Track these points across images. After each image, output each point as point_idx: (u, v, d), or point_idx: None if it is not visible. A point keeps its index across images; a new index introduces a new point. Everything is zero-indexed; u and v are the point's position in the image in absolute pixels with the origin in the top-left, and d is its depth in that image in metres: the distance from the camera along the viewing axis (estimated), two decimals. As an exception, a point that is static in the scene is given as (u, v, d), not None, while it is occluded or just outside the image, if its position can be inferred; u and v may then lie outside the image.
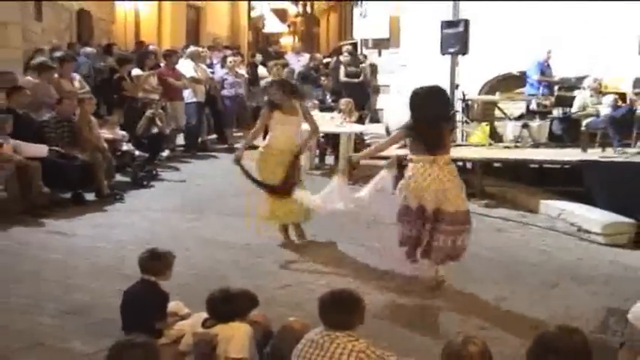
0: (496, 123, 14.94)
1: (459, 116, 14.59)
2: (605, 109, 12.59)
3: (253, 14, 33.81)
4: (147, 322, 5.17)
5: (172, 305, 5.56)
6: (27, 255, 7.54)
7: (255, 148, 8.43)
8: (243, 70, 16.20)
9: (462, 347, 3.66)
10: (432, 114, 6.91)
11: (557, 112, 13.82)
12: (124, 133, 11.68)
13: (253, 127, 8.86)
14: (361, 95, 15.47)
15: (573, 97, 13.61)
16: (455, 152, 13.21)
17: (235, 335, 4.56)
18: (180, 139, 14.50)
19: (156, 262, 5.45)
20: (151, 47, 17.12)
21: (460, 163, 12.63)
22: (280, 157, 8.06)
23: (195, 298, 5.86)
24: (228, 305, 4.74)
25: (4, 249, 7.74)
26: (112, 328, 5.34)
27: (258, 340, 4.73)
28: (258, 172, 8.15)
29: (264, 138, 8.52)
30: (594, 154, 12.03)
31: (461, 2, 15.40)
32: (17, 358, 5.08)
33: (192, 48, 16.24)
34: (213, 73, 15.66)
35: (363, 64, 16.59)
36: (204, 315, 5.41)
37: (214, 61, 16.83)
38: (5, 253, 7.58)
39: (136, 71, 13.20)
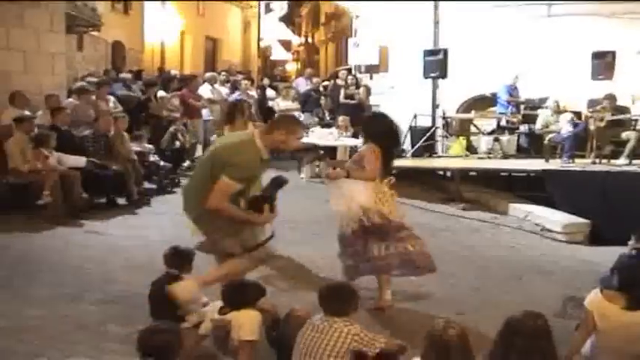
0: (471, 137, 14.96)
1: (439, 131, 14.66)
2: (565, 126, 12.65)
3: (262, 44, 33.84)
4: (170, 310, 5.20)
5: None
6: (70, 251, 7.57)
7: None
8: (253, 92, 16.21)
9: (443, 331, 3.71)
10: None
11: (523, 128, 13.87)
12: (150, 146, 11.69)
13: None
14: (356, 114, 15.45)
15: (537, 116, 13.67)
16: (436, 162, 13.36)
17: (247, 321, 4.54)
18: (198, 152, 14.49)
19: (178, 258, 5.49)
20: (172, 72, 17.18)
21: (441, 172, 12.76)
22: None
23: (213, 289, 5.92)
24: (239, 294, 4.74)
25: (51, 246, 7.77)
26: (143, 314, 5.38)
27: (268, 325, 4.75)
28: None
29: None
30: (555, 164, 12.09)
31: (440, 34, 15.56)
32: (65, 339, 5.12)
33: (208, 74, 16.29)
34: (231, 94, 15.61)
35: (360, 88, 16.59)
36: (221, 303, 5.46)
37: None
38: (52, 250, 7.61)
39: (161, 93, 13.25)
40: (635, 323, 4.58)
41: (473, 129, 15.07)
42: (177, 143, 12.60)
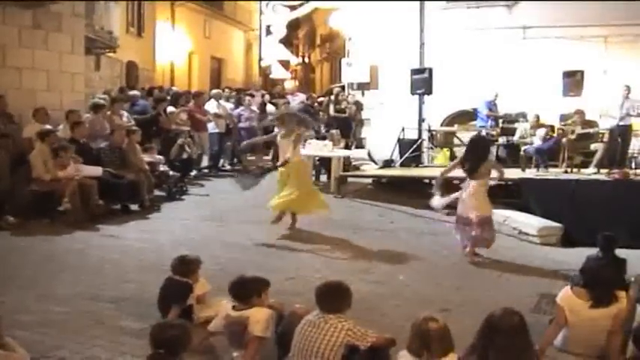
0: (455, 148, 15.01)
1: (425, 143, 14.70)
2: (537, 140, 12.72)
3: (263, 64, 33.86)
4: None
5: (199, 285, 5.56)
6: (89, 253, 7.56)
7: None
8: (255, 107, 16.20)
9: (424, 323, 3.75)
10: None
11: (502, 140, 13.92)
12: (160, 157, 11.64)
13: (265, 153, 9.17)
14: (346, 127, 15.48)
15: (514, 129, 13.72)
16: (422, 171, 13.39)
17: (262, 318, 4.51)
18: (204, 162, 14.47)
19: (181, 265, 5.48)
20: (174, 88, 17.12)
21: (427, 180, 12.78)
22: None
23: (219, 287, 5.92)
24: (244, 287, 4.70)
25: (71, 249, 7.76)
26: (156, 311, 5.40)
27: (276, 323, 4.71)
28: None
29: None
30: (530, 173, 12.13)
31: (426, 54, 15.65)
32: (84, 333, 5.13)
33: (214, 91, 16.28)
34: (235, 109, 15.56)
35: (349, 104, 16.62)
36: (223, 301, 5.44)
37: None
38: (72, 252, 7.61)
39: (170, 108, 13.24)
40: (600, 318, 4.63)
41: (456, 141, 15.12)
42: (185, 154, 12.58)
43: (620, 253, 6.60)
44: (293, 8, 33.30)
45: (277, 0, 32.73)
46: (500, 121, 14.29)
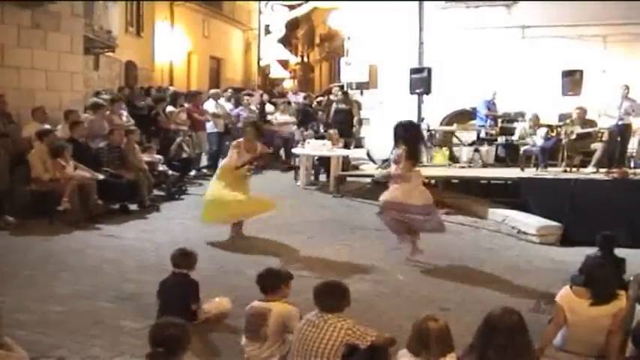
0: (453, 148, 14.99)
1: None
2: (539, 139, 12.69)
3: (262, 63, 33.90)
4: (183, 306, 5.20)
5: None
6: (88, 253, 7.56)
7: None
8: (254, 107, 16.20)
9: (425, 322, 3.74)
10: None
11: (501, 140, 13.89)
12: (160, 156, 11.64)
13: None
14: (347, 126, 15.44)
15: (513, 128, 13.70)
16: (422, 171, 13.34)
17: (284, 313, 4.52)
18: (203, 162, 14.44)
19: (185, 258, 5.47)
20: (171, 88, 17.09)
21: (426, 180, 12.77)
22: None
23: (217, 287, 5.95)
24: (271, 278, 4.72)
25: (70, 248, 7.75)
26: (155, 310, 5.37)
27: None
28: None
29: None
30: (530, 172, 12.12)
31: (425, 54, 15.64)
32: (83, 332, 5.13)
33: (213, 90, 16.27)
34: (234, 109, 15.53)
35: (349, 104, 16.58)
36: (224, 300, 5.44)
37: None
38: (71, 252, 7.60)
39: (169, 108, 13.22)
40: (599, 317, 4.62)
41: (455, 140, 15.10)
42: (184, 154, 12.57)
43: (620, 252, 6.60)
44: (292, 8, 33.37)
45: (276, 0, 32.79)
46: (499, 120, 14.27)
